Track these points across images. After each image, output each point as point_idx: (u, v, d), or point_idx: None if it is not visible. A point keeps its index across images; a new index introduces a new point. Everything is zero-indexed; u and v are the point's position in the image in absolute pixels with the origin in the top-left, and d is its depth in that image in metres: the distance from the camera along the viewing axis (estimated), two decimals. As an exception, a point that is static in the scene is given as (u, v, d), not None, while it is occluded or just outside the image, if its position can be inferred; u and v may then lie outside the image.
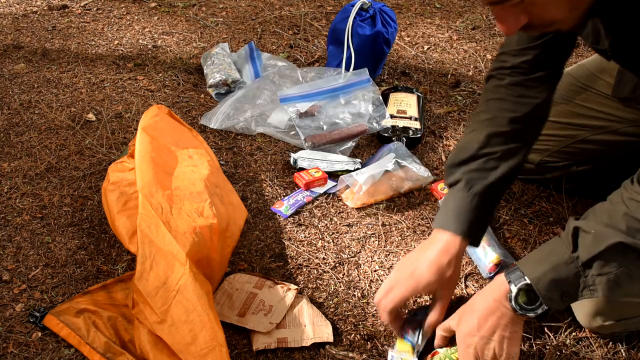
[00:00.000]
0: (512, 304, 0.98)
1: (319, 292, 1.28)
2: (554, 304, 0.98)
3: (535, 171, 1.47)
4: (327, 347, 1.16)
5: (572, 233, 0.95)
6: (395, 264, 1.27)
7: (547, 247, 0.99)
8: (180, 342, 1.06)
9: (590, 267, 0.93)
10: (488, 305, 1.01)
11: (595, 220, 0.94)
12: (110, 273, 1.30)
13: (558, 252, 0.96)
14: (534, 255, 1.00)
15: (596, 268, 0.93)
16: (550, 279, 0.95)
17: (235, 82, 1.92)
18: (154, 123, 1.45)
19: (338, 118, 1.77)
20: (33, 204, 1.48)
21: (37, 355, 1.13)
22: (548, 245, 0.99)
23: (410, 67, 2.13)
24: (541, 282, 0.96)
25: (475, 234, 1.13)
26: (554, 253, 0.96)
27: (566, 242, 0.95)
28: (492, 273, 1.30)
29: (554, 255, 0.96)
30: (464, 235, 1.10)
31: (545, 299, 0.96)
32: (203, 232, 1.19)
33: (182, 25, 2.35)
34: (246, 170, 1.62)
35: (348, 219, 1.48)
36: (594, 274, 0.93)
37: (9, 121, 1.77)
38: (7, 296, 1.24)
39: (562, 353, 1.17)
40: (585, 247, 0.93)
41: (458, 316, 1.05)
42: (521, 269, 0.98)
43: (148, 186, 1.23)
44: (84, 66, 2.06)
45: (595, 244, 0.92)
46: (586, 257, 0.93)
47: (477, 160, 1.14)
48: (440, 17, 2.50)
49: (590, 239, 0.93)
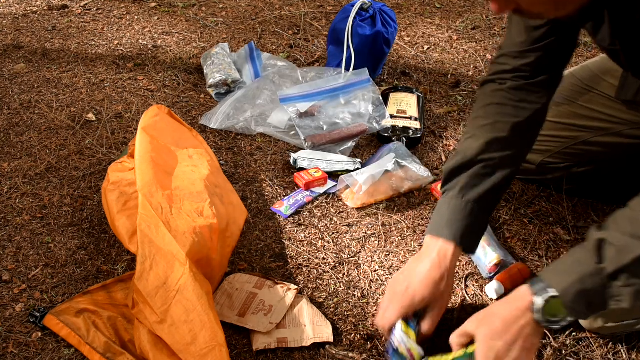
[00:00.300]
0: (537, 316, 0.97)
1: (319, 292, 1.28)
2: (580, 315, 0.97)
3: (536, 172, 1.47)
4: (327, 347, 1.16)
5: (596, 245, 0.94)
6: (389, 280, 1.25)
7: (571, 257, 0.98)
8: (180, 342, 1.06)
9: (616, 279, 0.92)
10: (512, 313, 0.98)
11: (618, 231, 0.93)
12: (110, 273, 1.30)
13: (583, 263, 0.95)
14: (558, 266, 0.99)
15: (622, 280, 0.92)
16: (577, 291, 0.94)
17: (235, 82, 1.92)
18: (154, 123, 1.45)
19: (338, 118, 1.77)
20: (33, 204, 1.48)
21: (37, 355, 1.13)
22: (571, 256, 0.98)
23: (410, 67, 2.13)
24: (568, 294, 0.95)
25: (469, 241, 1.13)
26: (579, 264, 0.95)
27: (591, 254, 0.94)
28: (492, 273, 1.30)
29: (579, 267, 0.95)
30: (457, 242, 1.10)
31: (571, 310, 0.95)
32: (203, 232, 1.19)
33: (182, 25, 2.36)
34: (246, 170, 1.63)
35: (348, 219, 1.48)
36: (620, 285, 0.92)
37: (9, 121, 1.77)
38: (7, 296, 1.24)
39: (562, 353, 1.17)
40: (611, 259, 0.92)
41: (477, 321, 1.02)
42: (546, 281, 0.97)
43: (148, 186, 1.23)
44: (84, 66, 2.06)
45: (621, 256, 0.92)
46: (612, 269, 0.92)
47: (473, 167, 1.14)
48: (440, 17, 2.50)
49: (615, 251, 0.92)
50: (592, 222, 1.46)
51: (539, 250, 1.39)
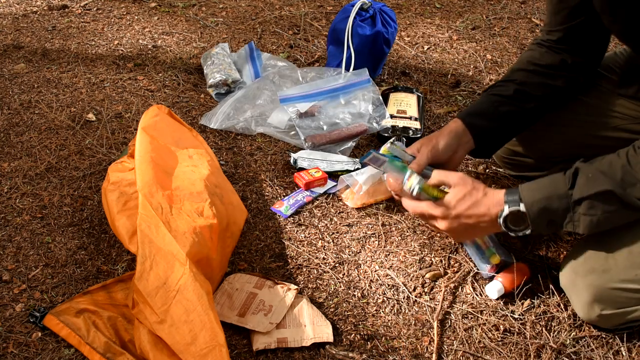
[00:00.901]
0: (500, 220, 1.12)
1: (319, 292, 1.28)
2: (539, 228, 1.11)
3: (535, 166, 1.47)
4: (327, 347, 1.16)
5: (573, 172, 1.08)
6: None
7: (549, 178, 1.11)
8: (180, 342, 1.06)
9: (580, 204, 1.06)
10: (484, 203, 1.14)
11: (596, 166, 1.07)
12: (110, 273, 1.30)
13: (557, 185, 1.09)
14: (536, 182, 1.12)
15: (584, 207, 1.06)
16: (542, 207, 1.08)
17: (235, 82, 1.92)
18: (154, 123, 1.45)
19: (338, 118, 1.77)
20: (33, 204, 1.48)
21: (37, 355, 1.13)
22: (550, 177, 1.11)
23: (410, 67, 2.13)
24: (534, 207, 1.09)
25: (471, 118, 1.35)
26: (553, 185, 1.09)
27: (566, 179, 1.08)
28: (492, 273, 1.30)
29: (552, 187, 1.09)
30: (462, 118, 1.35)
31: (532, 222, 1.10)
32: (203, 232, 1.19)
33: (182, 25, 2.36)
34: (246, 170, 1.63)
35: (348, 219, 1.48)
36: (580, 212, 1.07)
37: (9, 121, 1.77)
38: (7, 296, 1.24)
39: (561, 353, 1.17)
40: (579, 186, 1.06)
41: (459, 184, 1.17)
42: (520, 192, 1.11)
43: (148, 186, 1.23)
44: (84, 66, 2.06)
45: (589, 186, 1.05)
46: (578, 196, 1.06)
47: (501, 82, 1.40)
48: (440, 17, 2.50)
49: (585, 180, 1.06)
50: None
51: (539, 250, 1.39)
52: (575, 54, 1.33)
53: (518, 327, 1.22)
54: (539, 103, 1.36)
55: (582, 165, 1.08)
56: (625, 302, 1.13)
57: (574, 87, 1.37)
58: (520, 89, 1.35)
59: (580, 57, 1.33)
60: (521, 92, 1.35)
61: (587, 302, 1.16)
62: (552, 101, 1.38)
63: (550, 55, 1.35)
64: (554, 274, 1.31)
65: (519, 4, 2.64)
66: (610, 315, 1.15)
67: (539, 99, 1.36)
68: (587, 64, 1.36)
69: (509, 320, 1.23)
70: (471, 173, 1.64)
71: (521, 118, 1.38)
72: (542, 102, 1.37)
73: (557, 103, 1.39)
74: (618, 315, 1.15)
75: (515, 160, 1.51)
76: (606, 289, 1.13)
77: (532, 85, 1.35)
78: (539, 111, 1.38)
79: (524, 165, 1.49)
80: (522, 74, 1.37)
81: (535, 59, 1.37)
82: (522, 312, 1.24)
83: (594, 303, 1.15)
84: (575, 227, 1.08)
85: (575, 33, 1.30)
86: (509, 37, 2.36)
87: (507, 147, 1.50)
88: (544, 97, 1.36)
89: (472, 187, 1.16)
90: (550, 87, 1.35)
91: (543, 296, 1.28)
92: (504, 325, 1.22)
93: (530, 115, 1.38)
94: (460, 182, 1.17)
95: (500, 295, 1.26)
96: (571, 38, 1.31)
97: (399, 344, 1.18)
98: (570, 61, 1.33)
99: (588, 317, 1.19)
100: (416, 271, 1.34)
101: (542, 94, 1.36)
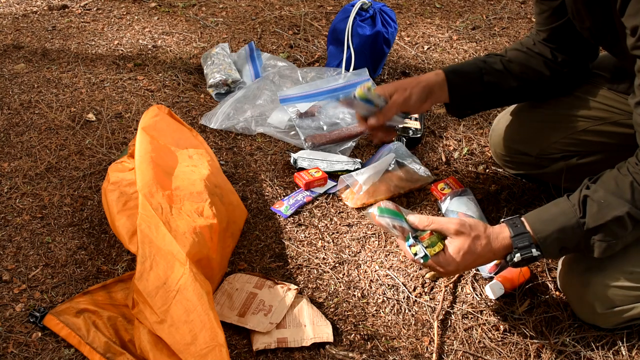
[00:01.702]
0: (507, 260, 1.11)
1: (319, 292, 1.28)
2: (551, 255, 1.10)
3: (534, 163, 1.47)
4: (327, 347, 1.16)
5: (581, 200, 1.05)
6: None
7: (557, 208, 1.09)
8: (180, 342, 1.06)
9: (595, 234, 1.05)
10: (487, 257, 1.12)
11: (603, 188, 1.05)
12: (110, 273, 1.30)
13: (567, 215, 1.06)
14: (543, 214, 1.10)
15: (600, 235, 1.05)
16: (556, 238, 1.06)
17: (235, 82, 1.92)
18: (154, 123, 1.45)
19: (338, 118, 1.77)
20: (33, 204, 1.48)
21: (37, 355, 1.13)
22: (557, 206, 1.09)
23: (410, 67, 2.13)
24: (547, 241, 1.07)
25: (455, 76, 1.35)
26: (563, 215, 1.07)
27: (575, 208, 1.06)
28: (492, 273, 1.30)
29: (562, 218, 1.07)
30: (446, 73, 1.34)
31: (545, 252, 1.08)
32: (203, 232, 1.19)
33: (182, 25, 2.36)
34: (246, 170, 1.63)
35: (348, 219, 1.48)
36: (596, 239, 1.05)
37: (9, 121, 1.77)
38: (7, 296, 1.24)
39: (561, 353, 1.17)
40: (592, 215, 1.04)
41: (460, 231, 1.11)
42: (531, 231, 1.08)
43: (148, 186, 1.23)
44: (84, 66, 2.06)
45: (602, 214, 1.03)
46: (592, 224, 1.04)
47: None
48: (440, 17, 2.50)
49: (597, 208, 1.04)
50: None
51: (539, 250, 1.39)
52: (563, 52, 1.35)
53: (518, 327, 1.22)
54: (522, 84, 1.37)
55: (589, 191, 1.06)
56: (622, 300, 1.13)
57: (560, 81, 1.38)
58: (508, 66, 1.37)
59: (568, 55, 1.35)
60: (508, 69, 1.36)
61: (584, 302, 1.16)
62: (536, 87, 1.39)
63: (542, 46, 1.37)
64: (554, 274, 1.31)
65: (519, 4, 2.64)
66: (608, 314, 1.15)
67: (524, 80, 1.37)
68: (576, 62, 1.37)
69: (509, 320, 1.23)
70: (471, 173, 1.64)
71: (501, 93, 1.39)
72: (527, 84, 1.38)
73: (540, 91, 1.41)
74: (616, 314, 1.15)
75: (515, 158, 1.51)
76: (603, 287, 1.13)
77: (520, 65, 1.37)
78: (520, 93, 1.40)
79: (524, 163, 1.49)
80: (514, 53, 1.39)
81: (529, 45, 1.39)
82: (522, 312, 1.25)
83: (591, 302, 1.15)
84: (589, 253, 1.08)
85: (560, 34, 1.32)
86: (509, 37, 2.36)
87: (506, 145, 1.50)
88: (529, 80, 1.37)
89: (473, 237, 1.10)
90: (537, 73, 1.37)
91: (543, 296, 1.28)
92: (504, 325, 1.22)
93: (510, 93, 1.40)
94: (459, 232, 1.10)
95: (500, 295, 1.26)
96: (557, 38, 1.33)
97: (399, 344, 1.18)
98: (559, 58, 1.35)
99: (586, 317, 1.19)
100: (416, 271, 1.34)
101: (528, 77, 1.37)
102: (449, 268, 1.11)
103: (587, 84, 1.40)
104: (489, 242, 1.10)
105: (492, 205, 1.52)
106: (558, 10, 1.27)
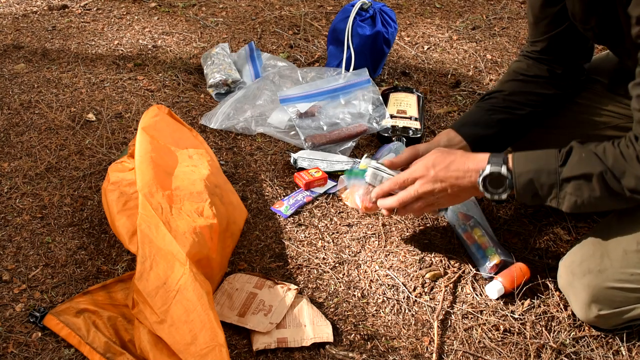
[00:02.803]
0: (479, 179, 1.12)
1: (319, 292, 1.28)
2: (524, 198, 1.12)
3: None
4: (327, 347, 1.16)
5: (567, 150, 1.08)
6: None
7: (544, 152, 1.11)
8: (180, 342, 1.06)
9: (568, 183, 1.06)
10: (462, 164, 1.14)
11: (591, 148, 1.06)
12: (110, 273, 1.30)
13: (549, 159, 1.09)
14: (531, 153, 1.12)
15: (571, 187, 1.06)
16: (530, 178, 1.09)
17: (235, 82, 1.92)
18: (154, 123, 1.45)
19: (338, 118, 1.77)
20: (33, 204, 1.48)
21: (37, 355, 1.13)
22: (545, 151, 1.11)
23: (410, 67, 2.14)
24: (522, 177, 1.09)
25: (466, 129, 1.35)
26: (545, 159, 1.09)
27: (560, 155, 1.08)
28: (492, 273, 1.30)
29: (543, 161, 1.09)
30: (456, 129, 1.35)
31: (518, 192, 1.10)
32: (203, 232, 1.19)
33: (182, 25, 2.36)
34: (246, 170, 1.63)
35: (348, 219, 1.48)
36: (567, 191, 1.07)
37: (9, 121, 1.77)
38: (7, 296, 1.24)
39: (561, 353, 1.17)
40: (570, 165, 1.06)
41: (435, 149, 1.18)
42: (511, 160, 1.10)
43: (148, 186, 1.23)
44: (84, 66, 2.06)
45: (579, 166, 1.05)
46: (567, 174, 1.06)
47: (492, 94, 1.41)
48: (440, 17, 2.50)
49: (578, 159, 1.06)
50: (592, 222, 1.46)
51: (539, 250, 1.39)
52: (561, 63, 1.35)
53: (518, 327, 1.22)
54: (532, 109, 1.37)
55: (577, 144, 1.08)
56: (623, 301, 1.13)
57: (566, 92, 1.38)
58: (510, 99, 1.36)
59: (566, 64, 1.35)
60: (512, 101, 1.36)
61: (584, 303, 1.16)
62: (545, 107, 1.38)
63: (536, 66, 1.36)
64: (554, 274, 1.31)
65: (519, 4, 2.64)
66: (608, 315, 1.15)
67: (531, 105, 1.37)
68: (574, 70, 1.37)
69: (509, 320, 1.23)
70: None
71: (516, 124, 1.38)
72: (535, 108, 1.37)
73: (552, 108, 1.40)
74: (616, 315, 1.15)
75: None
76: (603, 289, 1.13)
77: (521, 94, 1.37)
78: (534, 117, 1.39)
79: None
80: (511, 85, 1.39)
81: (523, 70, 1.38)
82: (522, 312, 1.25)
83: (591, 303, 1.15)
84: (559, 205, 1.09)
85: (559, 41, 1.31)
86: (509, 37, 2.36)
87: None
88: (536, 104, 1.37)
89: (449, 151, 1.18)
90: (540, 95, 1.37)
91: (543, 296, 1.28)
92: (504, 325, 1.22)
93: (524, 120, 1.38)
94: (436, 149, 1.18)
95: (500, 295, 1.26)
96: (555, 46, 1.33)
97: (399, 344, 1.18)
98: (557, 70, 1.35)
99: (586, 318, 1.19)
100: (416, 271, 1.34)
101: (534, 101, 1.37)
102: (425, 173, 1.15)
103: (586, 91, 1.40)
104: (467, 155, 1.14)
105: (493, 205, 1.52)
106: (558, 16, 1.27)
